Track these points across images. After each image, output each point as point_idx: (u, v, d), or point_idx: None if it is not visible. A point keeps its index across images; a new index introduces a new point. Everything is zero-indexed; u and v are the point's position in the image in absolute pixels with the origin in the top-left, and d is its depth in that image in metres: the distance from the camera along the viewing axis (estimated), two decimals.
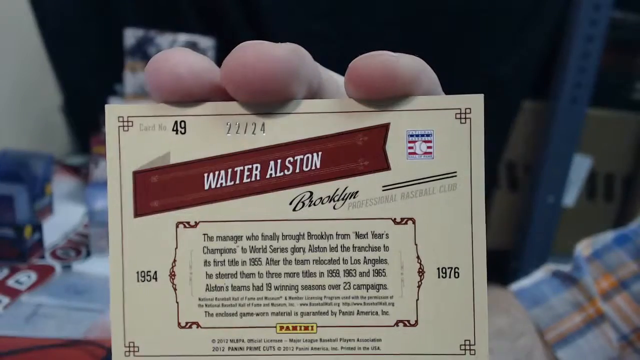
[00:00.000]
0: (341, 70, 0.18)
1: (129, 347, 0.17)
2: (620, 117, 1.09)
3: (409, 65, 0.16)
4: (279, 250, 0.17)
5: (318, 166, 0.16)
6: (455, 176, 0.16)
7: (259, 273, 0.17)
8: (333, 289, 0.17)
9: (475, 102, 0.16)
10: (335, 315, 0.17)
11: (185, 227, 0.17)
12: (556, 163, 1.04)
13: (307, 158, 0.16)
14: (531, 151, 1.10)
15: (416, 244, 0.16)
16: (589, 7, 0.96)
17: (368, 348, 0.17)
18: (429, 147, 0.16)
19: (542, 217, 1.08)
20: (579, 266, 0.40)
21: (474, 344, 0.16)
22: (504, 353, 0.36)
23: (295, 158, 0.16)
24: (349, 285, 0.17)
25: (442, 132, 0.16)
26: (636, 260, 0.39)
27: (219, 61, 0.15)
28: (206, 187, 0.16)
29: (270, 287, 0.17)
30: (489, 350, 0.17)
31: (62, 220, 0.76)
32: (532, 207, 1.08)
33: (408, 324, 0.17)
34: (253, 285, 0.17)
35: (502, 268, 1.13)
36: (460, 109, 0.16)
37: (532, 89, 1.07)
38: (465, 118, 0.16)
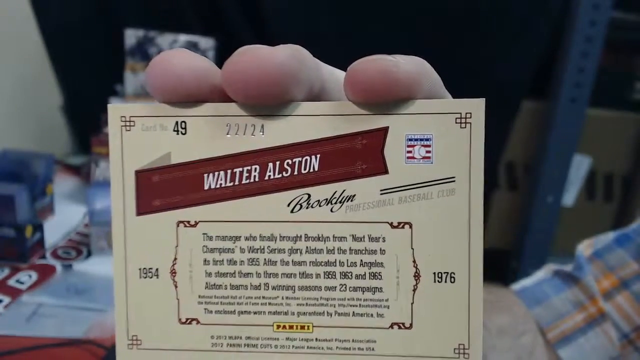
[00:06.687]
0: (342, 70, 0.17)
1: (132, 340, 0.17)
2: (619, 117, 1.09)
3: (409, 69, 0.16)
4: (276, 251, 0.17)
5: (316, 169, 0.16)
6: (454, 181, 0.16)
7: (256, 273, 0.17)
8: (329, 290, 0.17)
9: (476, 107, 0.16)
10: (331, 316, 0.17)
11: (185, 226, 0.17)
12: (555, 163, 1.05)
13: (306, 160, 0.16)
14: (531, 151, 1.10)
15: (412, 248, 0.16)
16: (589, 7, 0.96)
17: (363, 349, 0.17)
18: (427, 152, 0.16)
19: (542, 217, 1.08)
20: (580, 266, 0.40)
21: (468, 348, 0.16)
22: (505, 351, 0.36)
23: (294, 160, 0.16)
24: (345, 287, 0.17)
25: (441, 136, 0.16)
26: (637, 259, 0.39)
27: (219, 62, 0.15)
28: (206, 187, 0.17)
29: (268, 286, 0.17)
30: (492, 347, 0.17)
31: (63, 220, 0.76)
32: (531, 207, 1.08)
33: (403, 327, 0.17)
34: (251, 285, 0.17)
35: (501, 268, 1.13)
36: (460, 113, 0.16)
37: (532, 89, 1.07)
38: (466, 123, 0.16)
